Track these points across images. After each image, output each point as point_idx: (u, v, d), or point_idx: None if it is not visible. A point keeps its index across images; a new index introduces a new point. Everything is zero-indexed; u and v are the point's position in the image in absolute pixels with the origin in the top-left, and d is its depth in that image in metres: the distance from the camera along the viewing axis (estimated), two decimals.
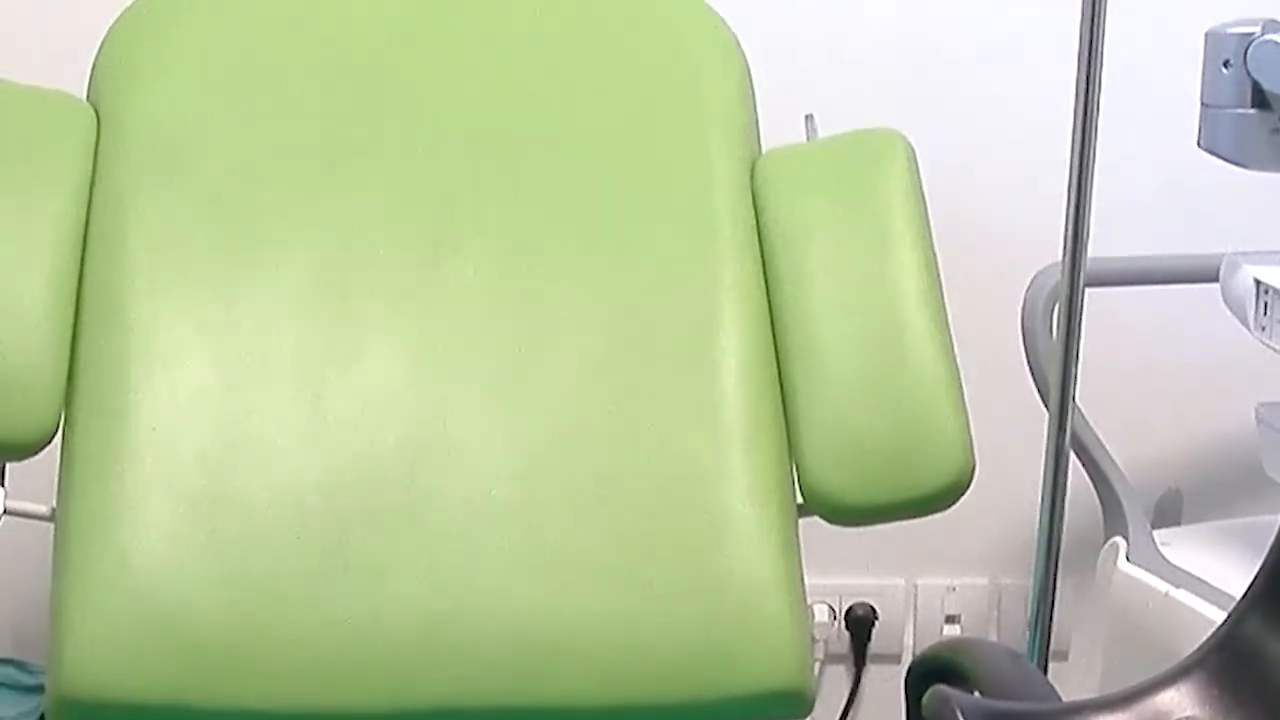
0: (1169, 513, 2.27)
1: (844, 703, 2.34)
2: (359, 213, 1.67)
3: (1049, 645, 1.86)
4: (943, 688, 1.17)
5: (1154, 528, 2.03)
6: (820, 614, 2.29)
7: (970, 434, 1.61)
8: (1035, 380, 2.00)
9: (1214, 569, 1.90)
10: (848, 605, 2.31)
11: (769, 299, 1.67)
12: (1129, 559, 1.99)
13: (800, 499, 1.62)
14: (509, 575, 1.55)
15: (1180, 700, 1.15)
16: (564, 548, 1.56)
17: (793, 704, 1.56)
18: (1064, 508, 1.83)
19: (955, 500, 1.60)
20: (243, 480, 1.56)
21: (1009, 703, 1.20)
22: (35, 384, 1.57)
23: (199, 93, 1.70)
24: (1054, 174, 1.78)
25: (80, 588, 1.52)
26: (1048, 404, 1.83)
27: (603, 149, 1.72)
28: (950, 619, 2.33)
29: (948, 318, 1.64)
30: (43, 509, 1.60)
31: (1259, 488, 2.01)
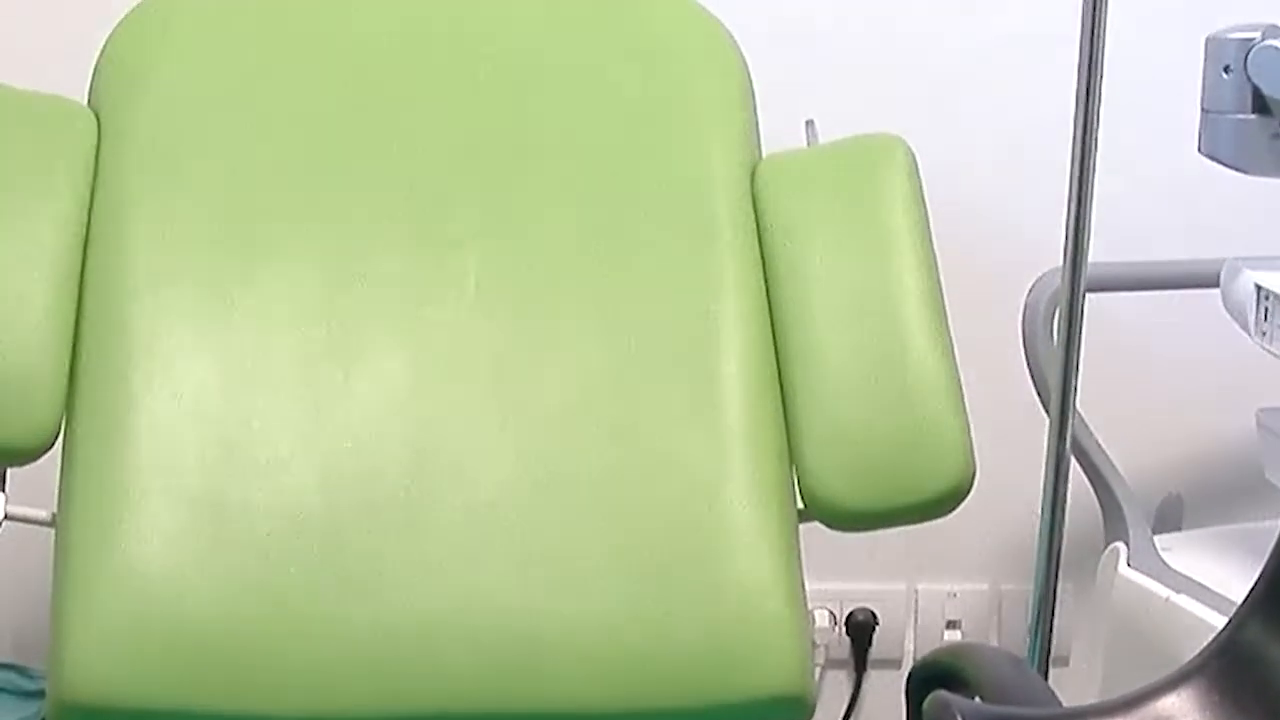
0: (1170, 518, 2.27)
1: (844, 708, 2.34)
2: (359, 216, 1.67)
3: (1050, 650, 1.86)
4: (943, 693, 1.17)
5: (1155, 533, 2.03)
6: (821, 619, 2.29)
7: (971, 439, 1.61)
8: (1036, 385, 2.00)
9: (1215, 574, 1.90)
10: (848, 610, 2.31)
11: (769, 303, 1.67)
12: (1130, 564, 1.99)
13: (801, 504, 1.62)
14: (508, 581, 1.55)
15: (1181, 706, 1.15)
16: (564, 553, 1.56)
17: (793, 709, 1.56)
18: (1065, 513, 1.82)
19: (956, 505, 1.60)
20: (243, 485, 1.56)
21: (1010, 708, 1.20)
22: (36, 388, 1.57)
23: (199, 97, 1.70)
24: (1054, 179, 1.78)
25: (81, 593, 1.52)
26: (1048, 409, 1.83)
27: (602, 154, 1.72)
28: (951, 624, 2.33)
29: (948, 323, 1.65)
30: (43, 514, 1.60)
31: (1260, 493, 2.01)
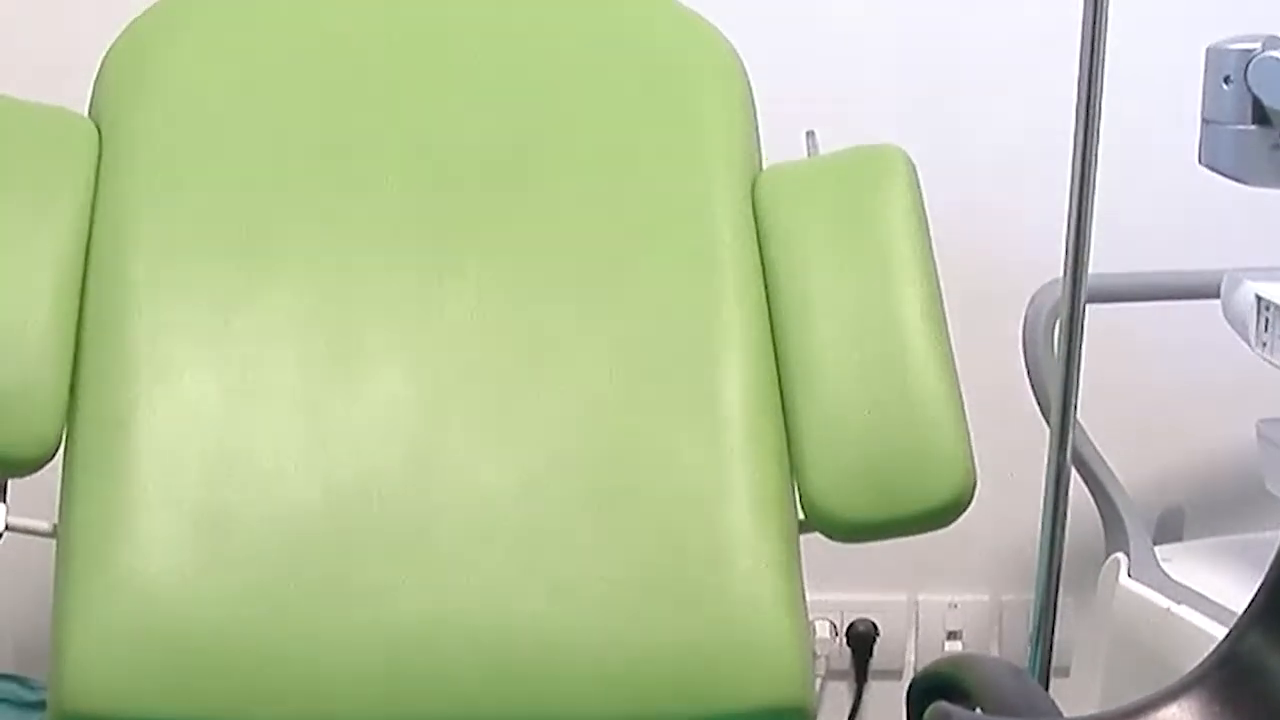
0: (1170, 528, 2.27)
1: (845, 719, 2.34)
2: (360, 228, 1.67)
3: (1050, 661, 1.86)
4: (944, 704, 1.18)
5: (1155, 543, 2.03)
6: (822, 630, 2.29)
7: (972, 450, 1.61)
8: (1036, 396, 2.00)
9: (1215, 585, 1.90)
10: (849, 621, 2.31)
11: (770, 315, 1.67)
12: (1130, 575, 1.99)
13: (802, 515, 1.62)
14: (510, 593, 1.55)
15: (1182, 716, 1.15)
16: (565, 566, 1.56)
17: None
18: (1065, 524, 1.82)
19: (957, 516, 1.60)
20: (243, 497, 1.56)
21: (1011, 719, 1.20)
22: (37, 400, 1.57)
23: (200, 109, 1.70)
24: (1055, 190, 1.78)
25: (81, 604, 1.51)
26: (1049, 420, 1.83)
27: (603, 166, 1.72)
28: (952, 635, 2.33)
29: (949, 334, 1.65)
30: (44, 525, 1.60)
31: (1261, 503, 2.01)
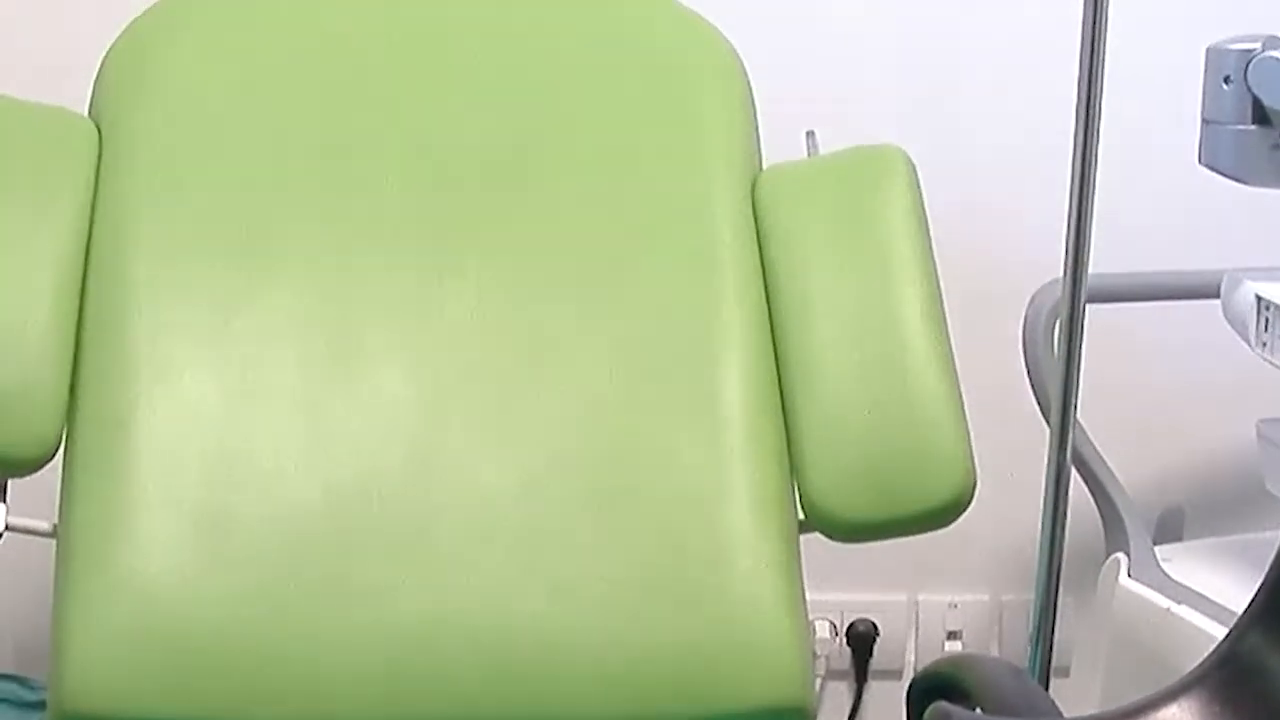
0: (1170, 528, 2.27)
1: (845, 719, 2.34)
2: (361, 232, 1.67)
3: (1050, 661, 1.86)
4: (944, 704, 1.18)
5: (1155, 544, 2.03)
6: (822, 630, 2.29)
7: (972, 450, 1.61)
8: (1036, 396, 2.00)
9: (1215, 585, 1.90)
10: (849, 621, 2.31)
11: (770, 315, 1.67)
12: (1130, 575, 1.99)
13: (802, 515, 1.62)
14: (510, 593, 1.55)
15: (1182, 716, 1.15)
16: (565, 566, 1.56)
17: None
18: (1065, 524, 1.82)
19: (957, 516, 1.60)
20: (244, 497, 1.56)
21: (1010, 719, 1.20)
22: (37, 400, 1.57)
23: (200, 109, 1.70)
24: (1055, 189, 1.78)
25: (81, 604, 1.52)
26: (1049, 420, 1.83)
27: (603, 166, 1.72)
28: (952, 635, 2.33)
29: (949, 333, 1.65)
30: (44, 525, 1.60)
31: (1261, 503, 2.01)
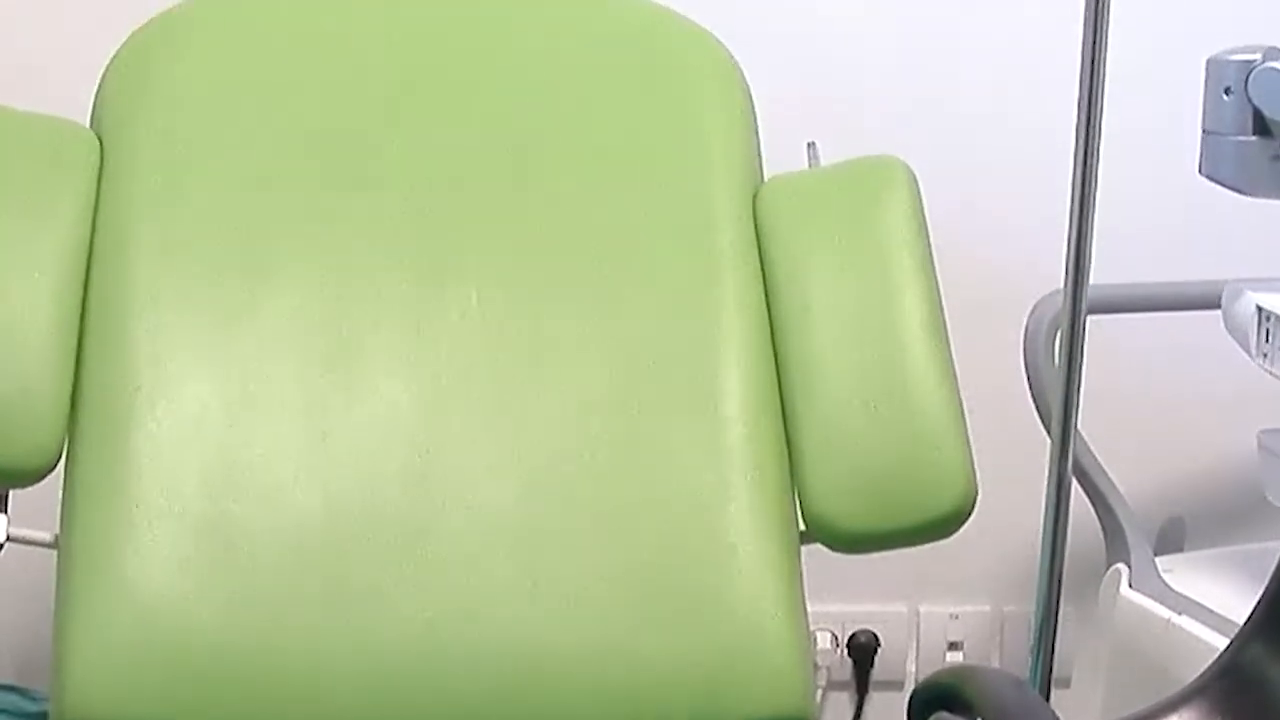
0: (1171, 539, 2.27)
1: None
2: (360, 238, 1.68)
3: (1051, 672, 1.86)
4: (945, 715, 1.18)
5: (1156, 554, 2.03)
6: (823, 641, 2.29)
7: (973, 461, 1.61)
8: (1037, 407, 2.00)
9: (1216, 596, 1.90)
10: (850, 632, 2.31)
11: (771, 326, 1.67)
12: (1131, 586, 1.99)
13: (803, 526, 1.62)
14: (510, 603, 1.55)
15: None
16: (565, 576, 1.56)
17: None
18: (1066, 534, 1.82)
19: (958, 527, 1.60)
20: (244, 507, 1.56)
21: None
22: (38, 410, 1.57)
23: (201, 120, 1.71)
24: (1056, 201, 1.78)
25: (83, 614, 1.52)
26: (1050, 430, 1.83)
27: (605, 177, 1.73)
28: (953, 646, 2.33)
29: (950, 345, 1.65)
30: (45, 536, 1.60)
31: (1261, 514, 2.01)
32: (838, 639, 2.30)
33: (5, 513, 1.59)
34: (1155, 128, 2.07)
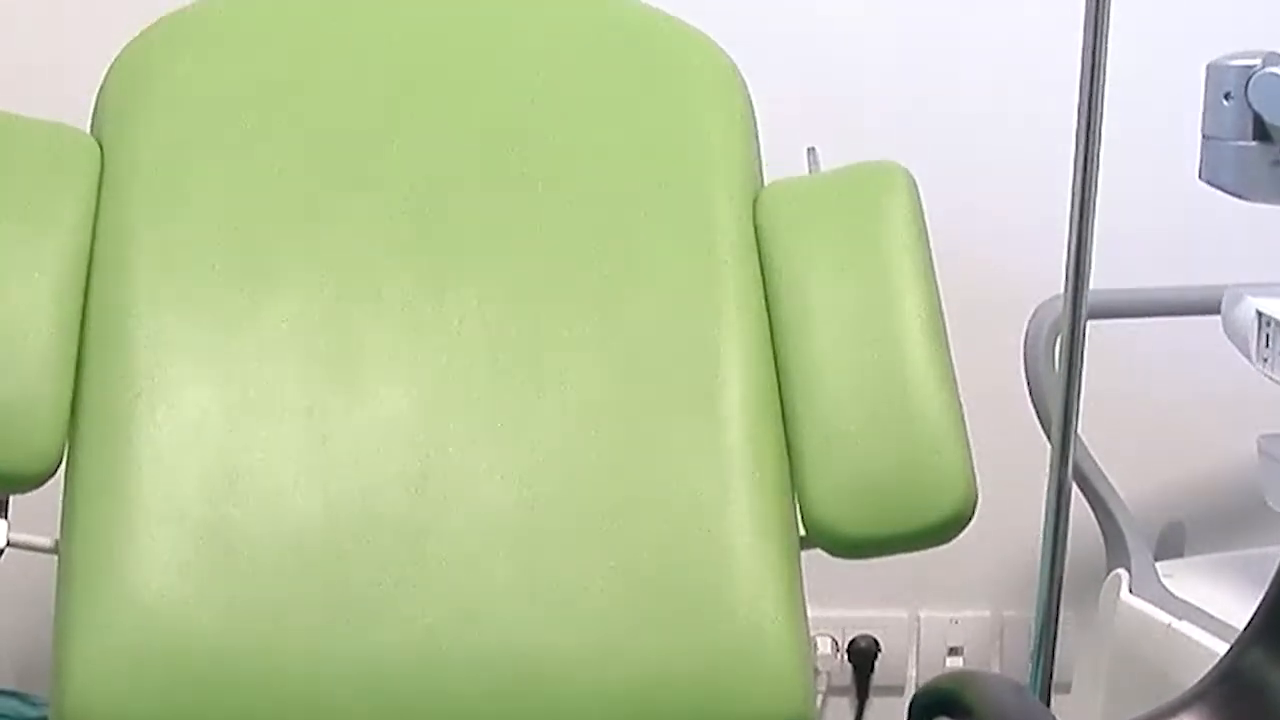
0: (1172, 544, 2.27)
1: None
2: (361, 244, 1.68)
3: (1052, 677, 1.86)
4: None
5: (1157, 559, 2.03)
6: (823, 646, 2.29)
7: (973, 466, 1.61)
8: (1037, 412, 2.00)
9: (1217, 601, 1.90)
10: (850, 637, 2.31)
11: (771, 332, 1.67)
12: (1132, 591, 1.99)
13: (803, 531, 1.62)
14: (510, 604, 1.55)
15: None
16: (566, 580, 1.56)
17: None
18: (1066, 540, 1.82)
19: (958, 532, 1.60)
20: (245, 512, 1.56)
21: None
22: (39, 415, 1.57)
23: (202, 126, 1.71)
24: (1056, 202, 1.78)
25: (83, 619, 1.51)
26: (1050, 436, 1.83)
27: (605, 182, 1.73)
28: (953, 651, 2.33)
29: (950, 350, 1.65)
30: (46, 541, 1.60)
31: (1262, 519, 2.01)
32: (838, 644, 2.30)
33: (5, 518, 1.59)
34: (1155, 132, 2.07)
